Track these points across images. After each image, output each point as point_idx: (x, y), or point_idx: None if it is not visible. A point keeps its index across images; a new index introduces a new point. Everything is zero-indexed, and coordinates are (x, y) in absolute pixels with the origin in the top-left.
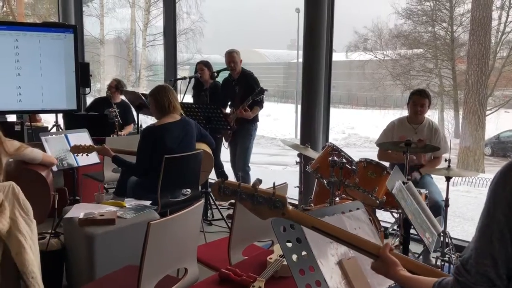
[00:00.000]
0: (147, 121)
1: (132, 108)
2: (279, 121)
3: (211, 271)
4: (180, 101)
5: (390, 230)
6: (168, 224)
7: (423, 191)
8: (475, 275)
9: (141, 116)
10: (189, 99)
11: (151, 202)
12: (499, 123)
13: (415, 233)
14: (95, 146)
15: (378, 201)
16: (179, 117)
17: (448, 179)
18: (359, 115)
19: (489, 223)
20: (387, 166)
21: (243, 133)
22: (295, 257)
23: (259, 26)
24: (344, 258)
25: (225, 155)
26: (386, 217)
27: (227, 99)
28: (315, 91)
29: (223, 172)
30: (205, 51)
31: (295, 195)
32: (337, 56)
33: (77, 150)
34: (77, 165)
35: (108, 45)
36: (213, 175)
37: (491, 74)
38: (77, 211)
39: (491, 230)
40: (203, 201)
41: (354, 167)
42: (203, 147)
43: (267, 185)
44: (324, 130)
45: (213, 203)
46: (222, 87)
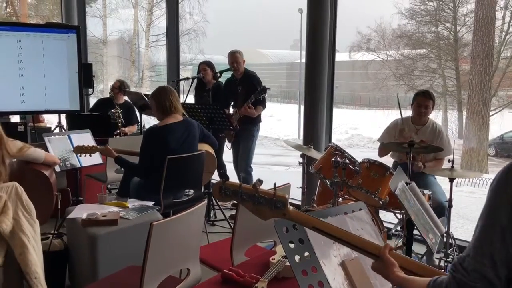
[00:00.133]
0: (150, 121)
1: (135, 108)
2: (282, 121)
3: (213, 272)
4: (182, 101)
5: (393, 231)
6: (170, 224)
7: (427, 192)
8: (472, 273)
9: (144, 116)
10: (191, 99)
11: (153, 202)
12: (503, 123)
13: (418, 234)
14: (98, 146)
15: (381, 202)
16: (181, 118)
17: (451, 180)
18: (362, 116)
19: (490, 223)
20: (390, 166)
21: (246, 134)
22: (297, 258)
23: (262, 26)
24: (347, 259)
25: (227, 156)
26: (389, 218)
27: (230, 99)
28: (318, 92)
29: (225, 172)
30: (208, 52)
31: (298, 195)
32: (340, 56)
33: (80, 150)
34: (80, 166)
35: (111, 45)
36: (215, 175)
37: (495, 74)
38: (80, 212)
39: (492, 230)
40: (205, 201)
41: (357, 168)
42: (206, 147)
43: (270, 185)
44: (327, 130)
45: (215, 204)
46: (225, 87)
